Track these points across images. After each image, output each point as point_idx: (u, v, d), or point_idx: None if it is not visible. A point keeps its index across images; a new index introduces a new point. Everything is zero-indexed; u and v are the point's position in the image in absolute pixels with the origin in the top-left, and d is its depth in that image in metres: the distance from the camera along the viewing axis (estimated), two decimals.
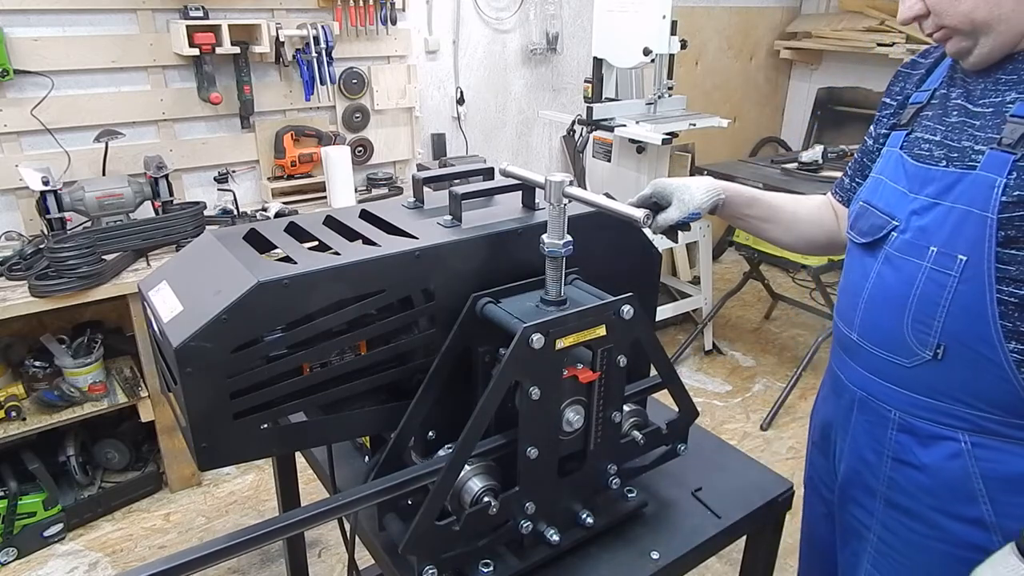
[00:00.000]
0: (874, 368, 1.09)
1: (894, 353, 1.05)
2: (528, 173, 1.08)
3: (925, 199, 1.00)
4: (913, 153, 1.05)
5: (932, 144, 1.03)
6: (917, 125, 1.07)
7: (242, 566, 2.24)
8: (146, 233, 2.40)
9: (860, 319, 1.10)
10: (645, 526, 1.13)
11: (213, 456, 0.86)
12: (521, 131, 3.90)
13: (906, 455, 1.07)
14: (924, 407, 1.03)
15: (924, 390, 1.02)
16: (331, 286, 0.88)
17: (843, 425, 1.18)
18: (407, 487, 0.90)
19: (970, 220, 0.94)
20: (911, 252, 1.01)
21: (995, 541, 1.00)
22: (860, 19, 4.37)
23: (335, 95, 3.12)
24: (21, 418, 2.24)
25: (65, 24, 2.49)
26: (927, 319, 0.99)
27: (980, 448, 0.99)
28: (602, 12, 3.03)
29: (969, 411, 0.99)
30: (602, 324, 0.93)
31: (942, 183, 0.98)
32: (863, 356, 1.10)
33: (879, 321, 1.06)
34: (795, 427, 3.03)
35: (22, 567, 2.24)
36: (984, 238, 0.92)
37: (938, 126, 1.03)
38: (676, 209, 1.24)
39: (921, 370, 1.02)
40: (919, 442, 1.05)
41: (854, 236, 1.12)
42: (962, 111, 1.00)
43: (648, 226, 0.96)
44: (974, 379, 0.97)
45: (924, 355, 1.00)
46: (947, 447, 1.02)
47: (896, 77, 1.19)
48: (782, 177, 3.30)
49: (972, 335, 0.96)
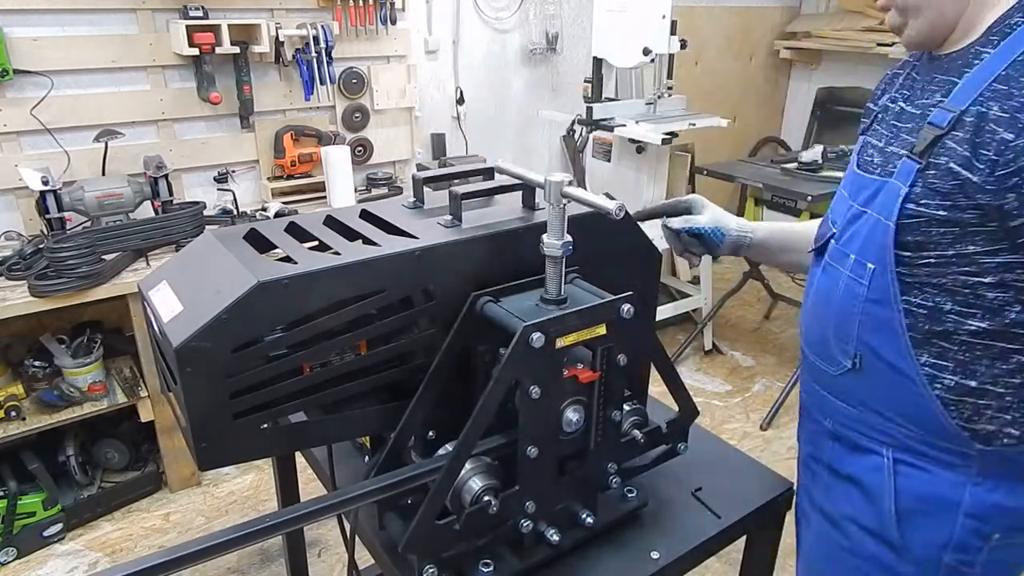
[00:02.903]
0: (813, 375, 1.10)
1: (825, 361, 1.05)
2: (522, 170, 1.08)
3: (857, 207, 0.99)
4: (860, 160, 1.04)
5: (875, 150, 1.02)
6: (871, 131, 1.07)
7: (242, 566, 2.24)
8: (146, 233, 2.40)
9: (804, 325, 1.12)
10: (645, 526, 1.13)
11: (213, 456, 0.86)
12: (521, 131, 3.91)
13: (837, 463, 1.08)
14: (852, 417, 1.03)
15: (850, 400, 1.03)
16: (331, 286, 0.88)
17: (800, 434, 1.21)
18: (407, 485, 0.90)
19: (878, 229, 0.93)
20: (838, 260, 1.01)
21: (903, 564, 1.00)
22: (860, 19, 4.38)
23: (335, 95, 3.11)
24: (21, 418, 2.24)
25: (65, 24, 2.49)
26: (846, 328, 0.99)
27: (900, 464, 0.99)
28: (602, 12, 3.03)
29: (890, 426, 0.98)
30: (602, 323, 0.93)
31: (869, 191, 0.97)
32: (807, 362, 1.11)
33: (814, 328, 1.08)
34: (795, 427, 3.02)
35: (22, 567, 2.24)
36: (887, 246, 0.92)
37: (884, 132, 1.02)
38: (707, 217, 1.26)
39: (845, 379, 1.02)
40: (848, 451, 1.06)
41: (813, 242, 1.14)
42: (899, 114, 0.99)
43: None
44: (891, 393, 0.97)
45: (845, 364, 1.01)
46: (871, 460, 1.02)
47: (881, 81, 1.18)
48: (782, 177, 3.30)
49: (884, 346, 0.95)
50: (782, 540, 1.28)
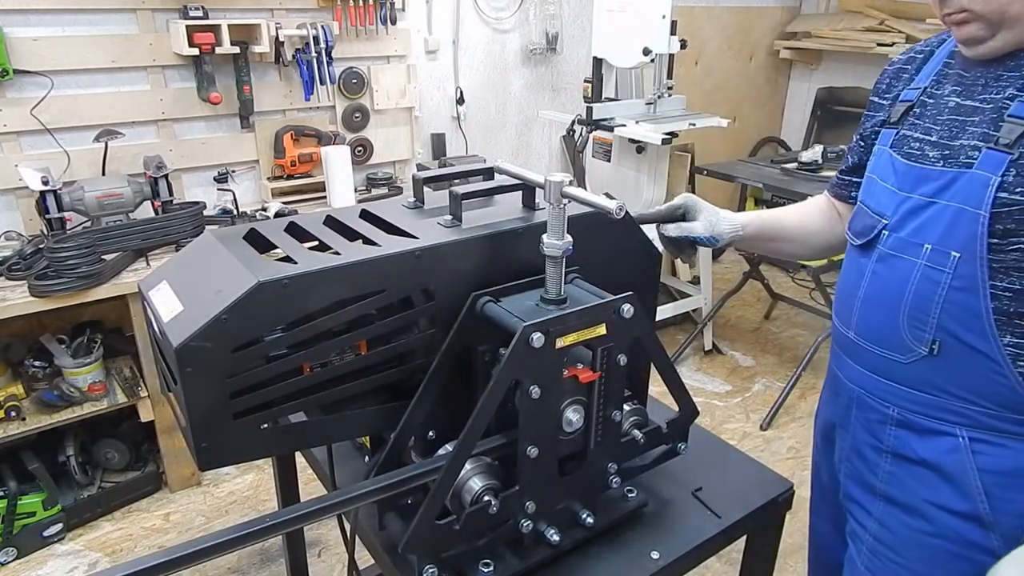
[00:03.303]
0: (872, 366, 1.09)
1: (891, 350, 1.05)
2: (522, 170, 1.08)
3: (920, 198, 1.00)
4: (904, 152, 1.05)
5: (925, 143, 1.02)
6: (906, 123, 1.07)
7: (242, 566, 2.24)
8: (146, 233, 2.40)
9: (857, 318, 1.10)
10: (645, 526, 1.13)
11: (213, 456, 0.86)
12: (521, 131, 3.91)
13: (904, 450, 1.07)
14: (922, 403, 1.03)
15: (921, 386, 1.03)
16: (331, 286, 0.88)
17: (843, 425, 1.18)
18: (407, 485, 0.90)
19: (964, 218, 0.94)
20: (906, 250, 1.01)
21: (992, 538, 1.00)
22: (860, 19, 4.38)
23: (335, 95, 3.12)
24: (21, 418, 2.24)
25: (65, 24, 2.49)
26: (922, 315, 0.99)
27: (978, 443, 1.00)
28: (602, 12, 3.03)
29: (966, 406, 0.99)
30: (602, 323, 0.93)
31: (939, 182, 0.98)
32: (861, 354, 1.11)
33: (875, 319, 1.07)
34: (795, 427, 3.03)
35: (22, 567, 2.24)
36: (976, 235, 0.93)
37: (932, 125, 1.03)
38: (701, 225, 1.28)
39: (917, 366, 1.02)
40: (917, 436, 1.05)
41: (851, 237, 1.13)
42: (957, 108, 1.00)
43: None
44: (970, 374, 0.98)
45: (920, 351, 1.01)
46: (945, 442, 1.02)
47: (883, 75, 1.19)
48: (782, 177, 3.30)
49: (967, 330, 0.96)
50: (782, 540, 1.28)
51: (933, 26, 3.95)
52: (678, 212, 1.31)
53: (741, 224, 1.29)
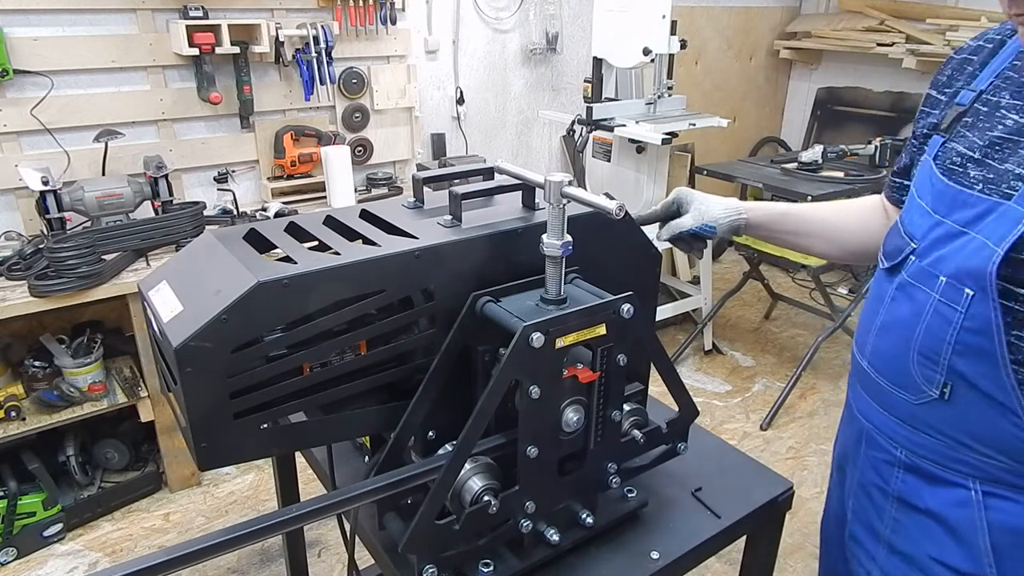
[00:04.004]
0: (882, 401, 1.00)
1: (901, 388, 0.96)
2: (522, 170, 1.08)
3: (952, 225, 0.87)
4: (946, 166, 0.91)
5: (969, 161, 0.89)
6: (955, 132, 0.93)
7: (242, 566, 2.24)
8: (146, 233, 2.40)
9: (871, 347, 1.01)
10: (645, 526, 1.13)
11: (213, 456, 0.86)
12: (521, 131, 3.91)
13: (912, 497, 0.98)
14: (931, 449, 0.94)
15: (931, 431, 0.93)
16: (331, 286, 0.88)
17: (853, 459, 1.10)
18: (406, 484, 0.90)
19: (983, 254, 0.82)
20: (924, 280, 0.91)
21: None
22: (860, 19, 4.38)
23: (335, 95, 3.12)
24: (21, 418, 2.24)
25: (65, 24, 2.50)
26: (933, 355, 0.89)
27: (991, 498, 0.90)
28: (602, 12, 3.03)
29: (979, 458, 0.89)
30: (602, 323, 0.93)
31: (975, 210, 0.85)
32: (872, 387, 1.02)
33: (888, 352, 0.97)
34: (795, 427, 3.03)
35: (22, 567, 2.24)
36: (986, 274, 0.82)
37: (978, 140, 0.89)
38: (690, 217, 1.23)
39: (928, 409, 0.92)
40: (926, 484, 0.96)
41: (881, 258, 1.03)
42: (1013, 127, 0.86)
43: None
44: (984, 424, 0.87)
45: (931, 393, 0.91)
46: (955, 494, 0.93)
47: (946, 65, 1.03)
48: (782, 177, 3.30)
49: (981, 376, 0.86)
50: (782, 540, 1.28)
51: (934, 26, 3.95)
52: (673, 208, 1.27)
53: (739, 208, 1.22)
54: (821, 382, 3.37)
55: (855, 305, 3.18)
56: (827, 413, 3.13)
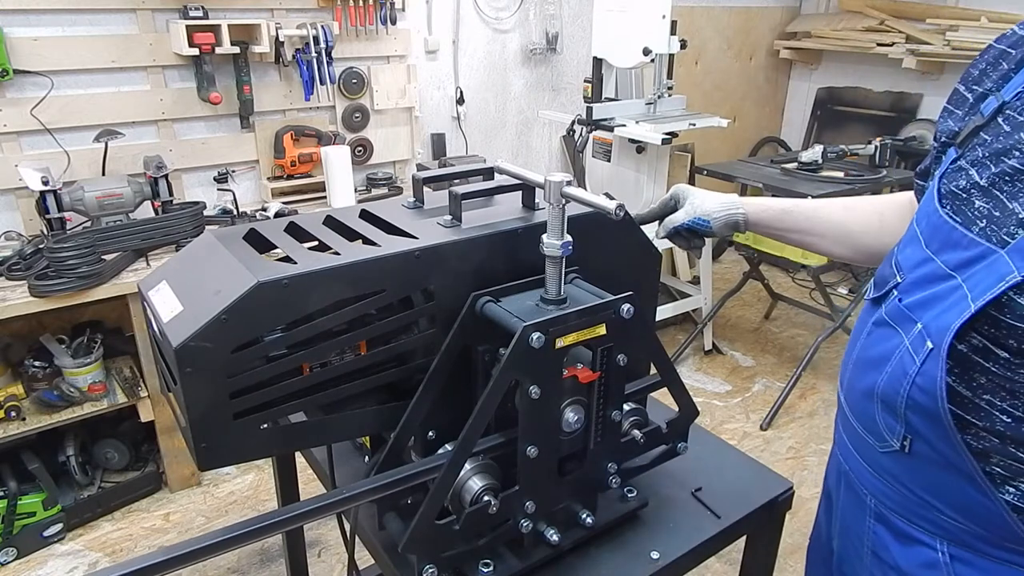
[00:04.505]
0: (854, 442, 0.93)
1: (868, 432, 0.88)
2: (521, 170, 1.08)
3: (941, 266, 0.77)
4: (949, 190, 0.79)
5: (975, 188, 0.75)
6: (969, 148, 0.79)
7: (242, 566, 2.24)
8: (146, 233, 2.40)
9: (847, 382, 0.93)
10: (645, 526, 1.13)
11: (213, 456, 0.86)
12: (521, 131, 3.91)
13: (882, 551, 0.91)
14: (897, 501, 0.86)
15: (896, 483, 0.86)
16: (331, 286, 0.88)
17: (835, 495, 1.03)
18: (406, 483, 0.90)
19: (959, 308, 0.72)
20: (900, 322, 0.81)
21: None
22: (860, 19, 4.38)
23: (335, 95, 3.12)
24: (21, 418, 2.24)
25: (65, 24, 2.50)
26: (892, 404, 0.81)
27: (959, 563, 0.82)
28: (602, 12, 3.03)
29: (944, 518, 0.81)
30: (602, 323, 0.93)
31: (967, 253, 0.74)
32: (847, 425, 0.94)
33: (858, 392, 0.89)
34: (795, 427, 3.03)
35: (22, 567, 2.24)
36: (947, 328, 0.73)
37: (990, 164, 0.75)
38: (683, 212, 1.22)
39: (892, 460, 0.85)
40: (895, 539, 0.89)
41: (870, 283, 0.93)
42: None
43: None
44: (946, 485, 0.79)
45: (892, 444, 0.83)
46: (923, 553, 0.85)
47: (981, 57, 0.86)
48: (782, 177, 3.30)
49: (935, 436, 0.78)
50: (782, 540, 1.28)
51: (934, 26, 3.95)
52: (671, 205, 1.26)
53: (735, 203, 1.18)
54: (821, 382, 3.37)
55: (855, 305, 3.18)
56: (827, 413, 3.13)
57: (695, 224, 1.21)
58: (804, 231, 1.16)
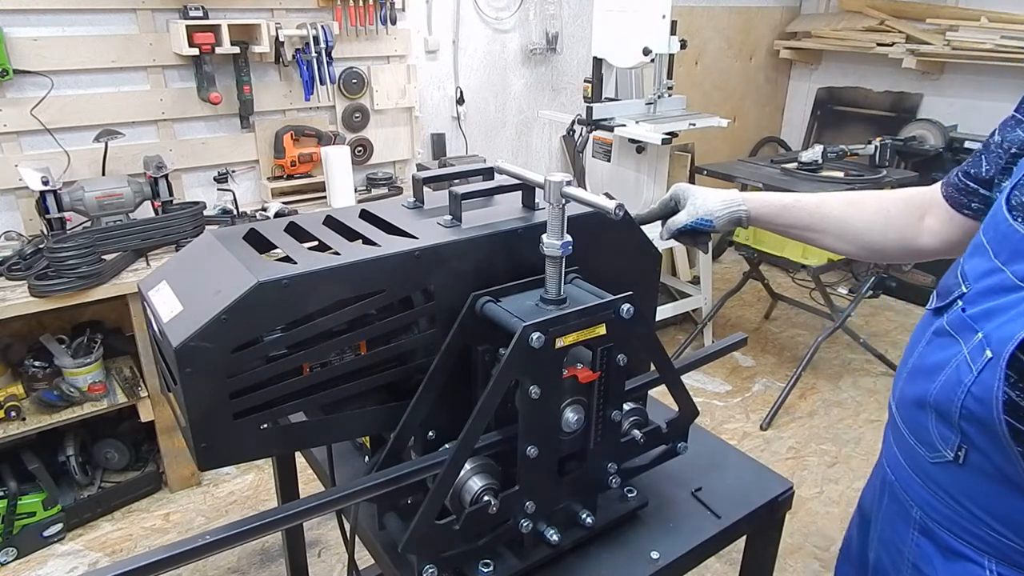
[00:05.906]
0: (904, 452, 0.91)
1: (920, 442, 0.87)
2: (521, 170, 1.08)
3: (1010, 276, 0.76)
4: (1021, 201, 0.78)
5: None
6: None
7: (242, 566, 2.24)
8: (146, 233, 2.40)
9: (899, 392, 0.92)
10: (645, 526, 1.13)
11: (213, 456, 0.86)
12: (521, 131, 3.91)
13: (925, 566, 0.89)
14: (946, 515, 0.85)
15: (945, 495, 0.84)
16: (331, 286, 0.88)
17: (876, 509, 1.02)
18: (405, 480, 0.90)
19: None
20: (962, 331, 0.80)
21: None
22: (860, 19, 4.38)
23: (335, 95, 3.12)
24: (21, 418, 2.24)
25: (65, 24, 2.49)
26: (947, 413, 0.80)
27: None
28: (602, 12, 3.03)
29: (994, 535, 0.80)
30: (602, 323, 0.93)
31: None
32: (898, 435, 0.93)
33: (911, 401, 0.88)
34: (795, 427, 3.03)
35: (22, 567, 2.24)
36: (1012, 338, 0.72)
37: None
38: (685, 213, 1.21)
39: (942, 471, 0.84)
40: (940, 553, 0.87)
41: (934, 294, 0.92)
42: None
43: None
44: (998, 498, 0.78)
45: (945, 454, 0.82)
46: (969, 570, 0.83)
47: None
48: (782, 177, 3.30)
49: (989, 447, 0.77)
50: (782, 540, 1.28)
51: (934, 26, 3.96)
52: (671, 205, 1.26)
53: (737, 200, 1.18)
54: (821, 382, 3.37)
55: (855, 305, 3.18)
56: (827, 413, 3.13)
57: (698, 224, 1.21)
58: (806, 227, 1.16)
